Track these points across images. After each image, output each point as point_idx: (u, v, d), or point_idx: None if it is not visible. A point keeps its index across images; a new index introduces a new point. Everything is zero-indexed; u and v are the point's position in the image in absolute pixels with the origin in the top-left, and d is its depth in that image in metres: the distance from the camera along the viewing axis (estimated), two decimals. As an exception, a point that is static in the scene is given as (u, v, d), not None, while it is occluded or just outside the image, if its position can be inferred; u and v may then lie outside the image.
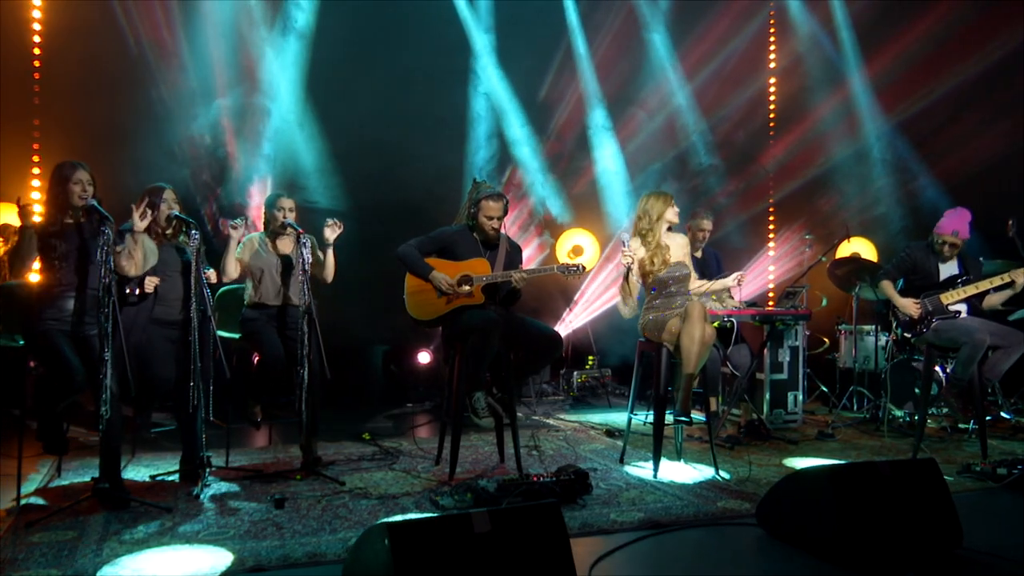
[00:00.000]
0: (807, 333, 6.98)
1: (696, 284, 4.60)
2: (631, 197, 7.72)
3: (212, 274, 4.28)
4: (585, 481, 3.90)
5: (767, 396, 5.73)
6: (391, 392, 6.88)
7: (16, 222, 3.71)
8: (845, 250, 7.09)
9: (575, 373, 7.33)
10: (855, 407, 6.39)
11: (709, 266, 5.86)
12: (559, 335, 4.33)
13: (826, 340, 7.10)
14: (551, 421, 6.09)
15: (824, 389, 6.77)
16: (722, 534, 3.38)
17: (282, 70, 6.65)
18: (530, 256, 7.49)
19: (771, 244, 8.25)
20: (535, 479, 3.80)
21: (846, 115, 7.83)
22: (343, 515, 3.53)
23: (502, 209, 4.37)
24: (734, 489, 4.03)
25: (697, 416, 4.45)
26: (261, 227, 4.63)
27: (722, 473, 4.34)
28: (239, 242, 4.38)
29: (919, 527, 3.04)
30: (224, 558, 2.97)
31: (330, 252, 4.50)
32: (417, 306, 4.34)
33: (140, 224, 3.75)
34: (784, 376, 5.80)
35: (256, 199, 6.35)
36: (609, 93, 7.83)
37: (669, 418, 4.27)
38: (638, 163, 7.85)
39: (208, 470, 4.01)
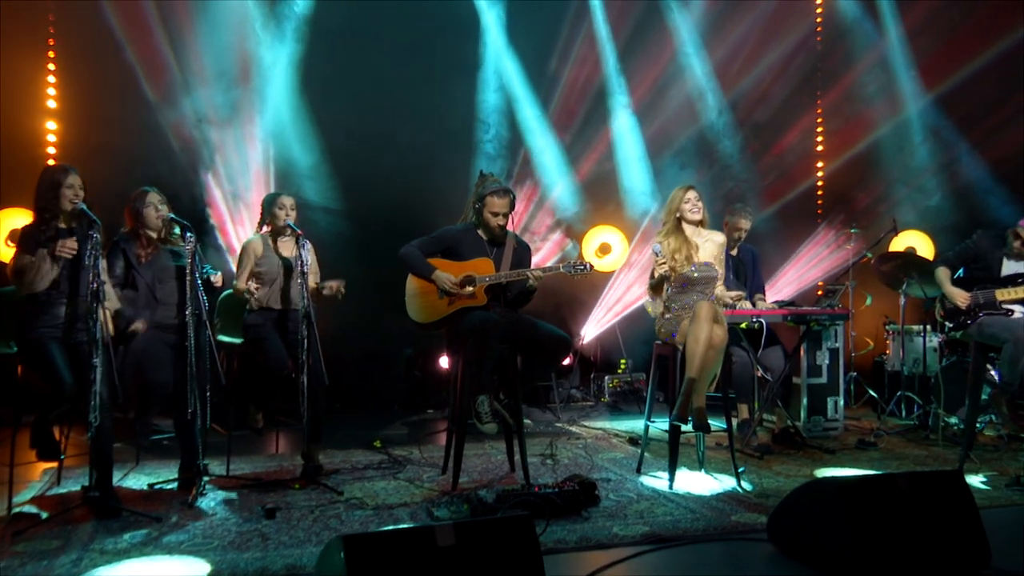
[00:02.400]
0: (853, 334, 6.80)
1: (720, 290, 4.48)
2: (653, 187, 7.58)
3: (218, 278, 4.33)
4: (591, 492, 3.82)
5: (804, 402, 5.56)
6: (413, 397, 6.89)
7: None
8: (899, 245, 6.87)
9: (607, 378, 7.24)
10: (903, 413, 6.15)
11: (745, 264, 5.73)
12: (567, 338, 4.25)
13: (870, 342, 6.87)
14: (574, 428, 6.02)
15: (873, 394, 6.55)
16: (729, 550, 3.27)
17: (274, 60, 6.66)
18: (548, 254, 7.42)
19: (818, 235, 8.00)
20: (536, 489, 3.74)
21: (893, 97, 7.60)
22: (334, 526, 3.53)
23: (508, 205, 4.31)
24: (753, 502, 3.90)
25: (716, 423, 4.34)
26: (255, 227, 4.67)
27: (744, 484, 4.21)
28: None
29: (941, 545, 2.88)
30: (201, 569, 2.99)
31: (317, 294, 4.51)
32: (418, 308, 4.32)
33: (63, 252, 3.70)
34: (823, 380, 5.62)
35: (247, 198, 6.42)
36: (629, 70, 7.69)
37: (687, 426, 4.16)
38: (661, 148, 7.72)
39: (205, 478, 4.07)
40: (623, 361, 7.41)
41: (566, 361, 7.32)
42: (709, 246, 4.42)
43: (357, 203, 6.72)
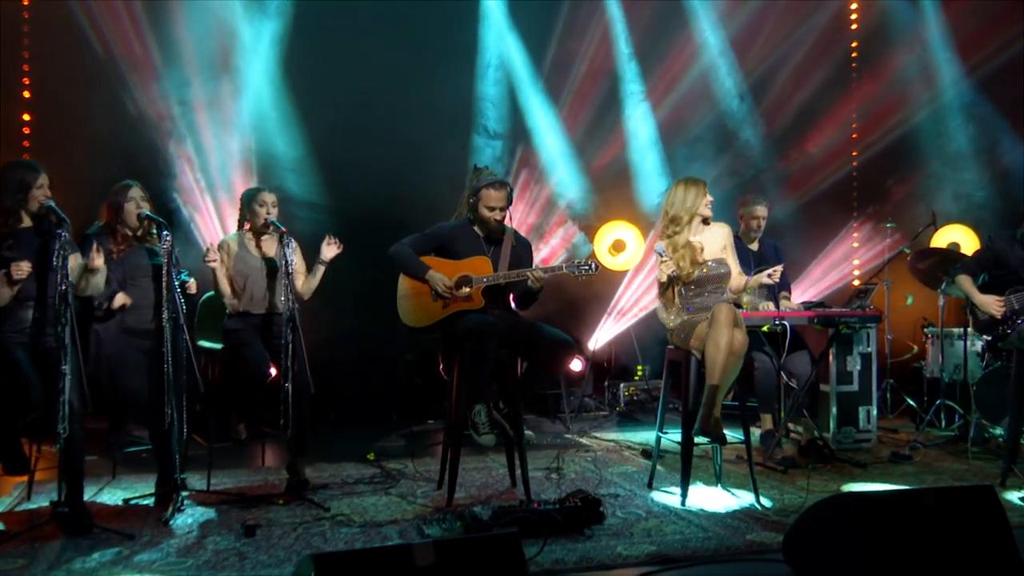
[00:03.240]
0: (889, 337, 6.75)
1: (737, 283, 4.46)
2: (669, 179, 7.55)
3: (192, 284, 4.37)
4: (595, 508, 3.82)
5: (833, 411, 5.52)
6: (413, 407, 6.91)
7: None
8: (941, 240, 6.80)
9: (622, 385, 7.22)
10: (943, 424, 6.09)
11: (768, 260, 5.66)
12: (570, 341, 4.24)
13: (914, 346, 6.81)
14: (584, 440, 6.02)
15: (911, 403, 6.49)
16: (741, 572, 3.26)
17: (255, 45, 6.67)
18: (554, 251, 7.42)
19: (854, 228, 7.95)
20: (536, 505, 3.74)
21: (930, 80, 7.55)
22: (316, 545, 3.55)
23: (505, 199, 4.32)
24: (771, 520, 3.89)
25: (733, 435, 4.32)
26: (235, 225, 4.70)
27: (763, 501, 4.19)
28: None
29: (970, 567, 2.85)
30: (172, 590, 3.02)
31: (321, 271, 4.56)
32: (410, 311, 4.34)
33: (97, 263, 3.83)
34: (854, 388, 5.56)
35: (226, 191, 6.46)
36: (643, 54, 7.67)
37: (703, 438, 4.15)
38: (676, 137, 7.70)
39: (183, 493, 4.10)
40: (639, 367, 7.39)
41: (577, 367, 7.32)
42: (714, 240, 4.39)
43: (344, 198, 6.73)
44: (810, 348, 5.43)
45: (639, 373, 7.37)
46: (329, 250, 4.51)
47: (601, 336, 7.42)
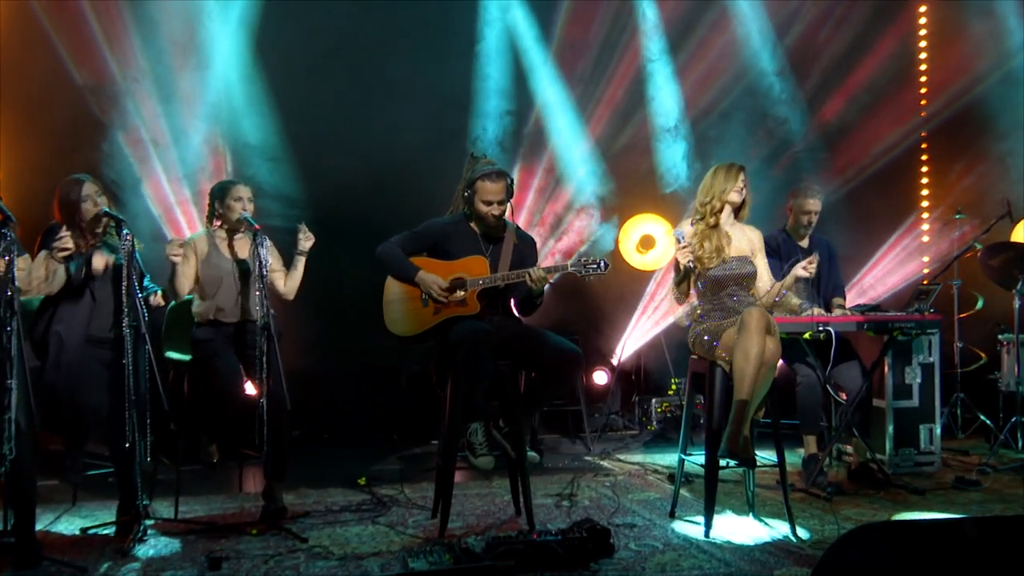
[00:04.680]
0: (959, 345, 6.67)
1: (767, 289, 4.46)
2: (696, 163, 7.54)
3: (158, 297, 4.45)
4: (605, 540, 3.83)
5: (889, 430, 5.47)
6: (416, 425, 6.95)
7: None
8: (1020, 233, 6.71)
9: (654, 401, 7.21)
10: (1020, 444, 6.00)
11: (819, 259, 5.65)
12: (577, 351, 4.24)
13: (982, 355, 6.72)
14: (605, 463, 6.03)
15: (986, 421, 6.41)
16: (762, 612, 3.25)
17: (224, 18, 6.72)
18: (572, 246, 7.44)
19: (918, 220, 7.85)
20: (536, 536, 3.76)
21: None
22: (287, 580, 3.60)
23: (504, 191, 4.33)
24: (806, 553, 3.87)
25: (766, 457, 4.31)
26: (203, 222, 4.77)
27: (800, 532, 4.17)
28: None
29: (1020, 609, 2.82)
30: (121, 630, 3.08)
31: (302, 264, 4.62)
32: (399, 318, 4.38)
33: (67, 244, 3.90)
34: (913, 403, 5.52)
35: (189, 188, 6.54)
36: (668, 23, 7.65)
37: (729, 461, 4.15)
38: (706, 114, 7.68)
39: (147, 522, 4.17)
40: (674, 380, 7.37)
41: (601, 380, 7.33)
42: (743, 238, 4.42)
43: (323, 191, 6.78)
44: (862, 358, 5.39)
45: (673, 387, 7.35)
46: (307, 240, 4.56)
47: (628, 345, 7.41)
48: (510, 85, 7.42)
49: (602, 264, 4.17)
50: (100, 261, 4.15)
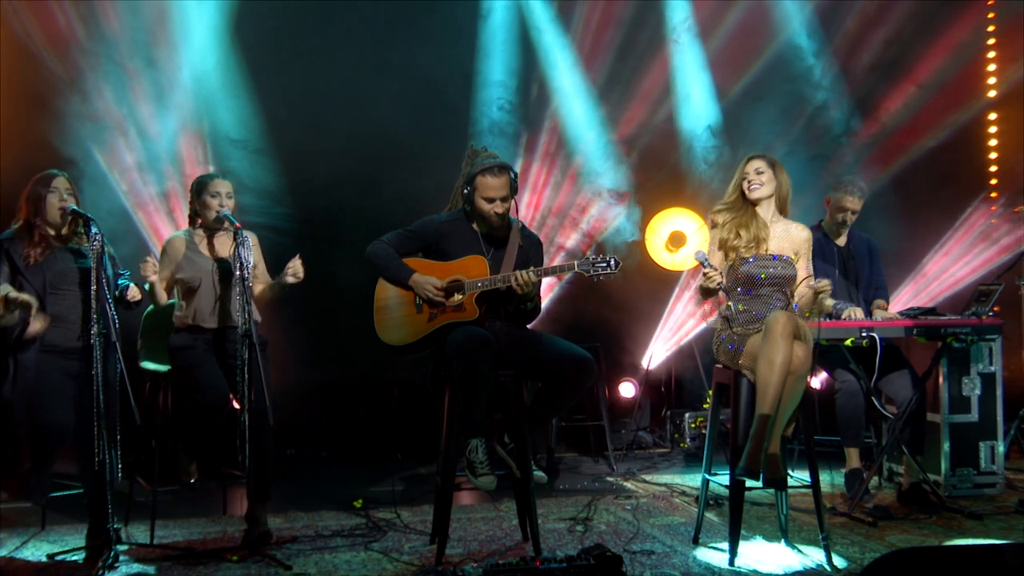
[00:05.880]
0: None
1: (799, 292, 4.44)
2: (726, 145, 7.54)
3: (135, 291, 4.51)
4: (616, 569, 3.83)
5: (945, 448, 5.44)
6: (422, 443, 6.99)
7: None
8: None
9: (687, 416, 7.21)
10: (1094, 464, 5.96)
11: (858, 259, 5.65)
12: (588, 358, 4.22)
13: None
14: (629, 484, 6.05)
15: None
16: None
17: (199, 11, 6.77)
18: (593, 233, 7.46)
19: (988, 212, 7.76)
20: (538, 564, 3.78)
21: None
22: (266, 610, 3.66)
23: (506, 186, 4.35)
24: (841, 584, 3.88)
25: (800, 477, 4.31)
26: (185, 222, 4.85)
27: (836, 560, 4.16)
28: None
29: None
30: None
31: (280, 290, 4.68)
32: (391, 325, 4.42)
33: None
34: (972, 418, 5.51)
35: (161, 183, 6.62)
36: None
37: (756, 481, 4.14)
38: (735, 97, 7.67)
39: (119, 547, 4.25)
40: (709, 393, 7.36)
41: (628, 393, 7.34)
42: (786, 237, 4.40)
43: (309, 186, 6.83)
44: (912, 367, 5.37)
45: (708, 400, 7.33)
46: (292, 277, 4.57)
47: (657, 353, 7.42)
48: (519, 65, 7.44)
49: (612, 263, 4.15)
50: (37, 325, 4.19)
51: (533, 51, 7.49)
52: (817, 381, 6.59)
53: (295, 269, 4.56)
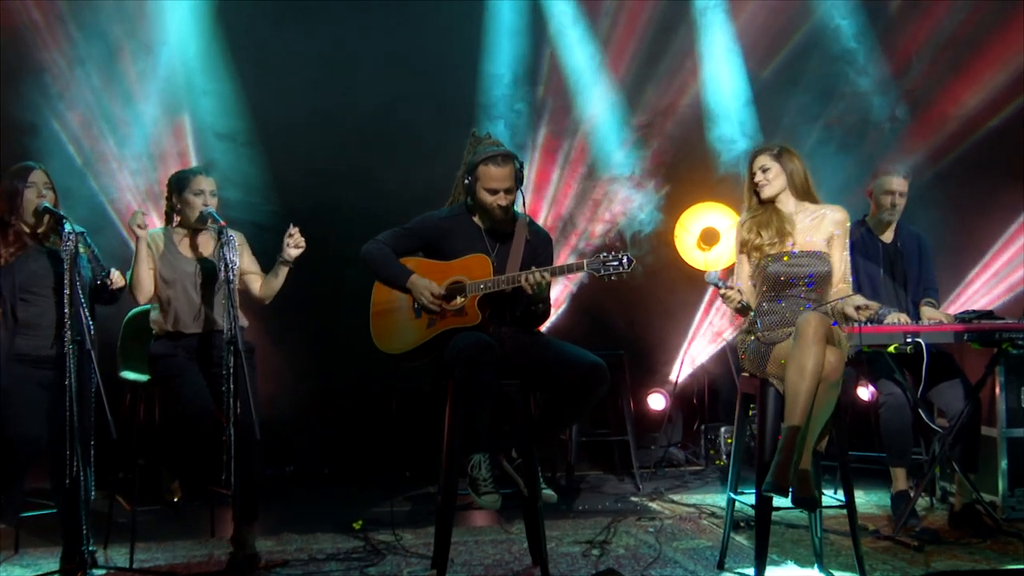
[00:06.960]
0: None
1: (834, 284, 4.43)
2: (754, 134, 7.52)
3: (117, 276, 4.56)
4: (629, 596, 3.87)
5: (1003, 465, 5.40)
6: (434, 458, 7.02)
7: None
8: None
9: (723, 430, 7.21)
10: None
11: (907, 257, 5.62)
12: (601, 365, 4.20)
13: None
14: (654, 504, 6.06)
15: None
16: None
17: None
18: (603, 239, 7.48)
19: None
20: (543, 591, 3.82)
21: None
22: (247, 639, 3.71)
23: (511, 177, 4.37)
24: (874, 614, 3.87)
25: (832, 497, 4.31)
26: (160, 220, 4.91)
27: (873, 588, 4.17)
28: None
29: None
30: None
31: (284, 273, 4.73)
32: (387, 331, 4.46)
33: None
34: (1034, 432, 5.46)
35: (141, 177, 6.68)
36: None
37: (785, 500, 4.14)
38: (770, 87, 7.65)
39: (95, 571, 4.31)
40: (751, 405, 7.35)
41: (658, 405, 7.34)
42: (815, 226, 4.38)
43: (299, 180, 6.87)
44: (965, 376, 5.34)
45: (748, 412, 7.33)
46: (295, 248, 4.63)
47: (688, 361, 7.42)
48: (527, 46, 7.45)
49: (624, 261, 4.11)
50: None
51: (544, 27, 7.50)
52: (866, 393, 6.57)
53: (296, 240, 4.61)
